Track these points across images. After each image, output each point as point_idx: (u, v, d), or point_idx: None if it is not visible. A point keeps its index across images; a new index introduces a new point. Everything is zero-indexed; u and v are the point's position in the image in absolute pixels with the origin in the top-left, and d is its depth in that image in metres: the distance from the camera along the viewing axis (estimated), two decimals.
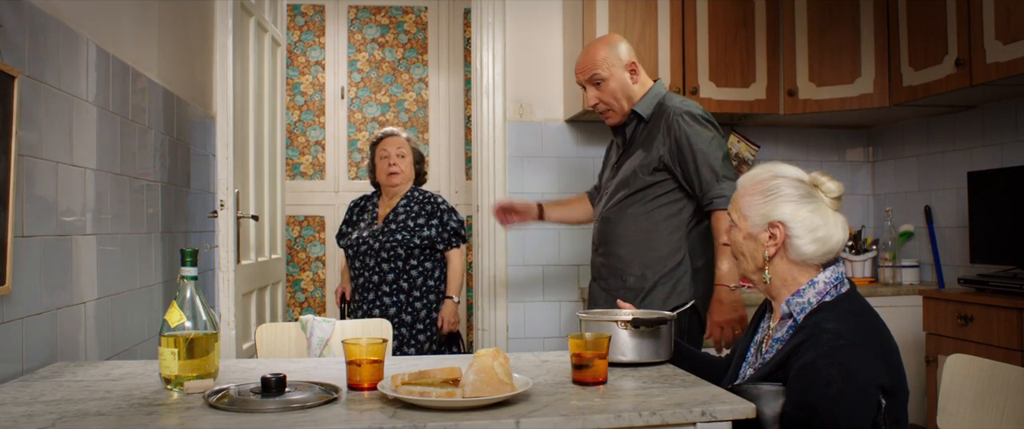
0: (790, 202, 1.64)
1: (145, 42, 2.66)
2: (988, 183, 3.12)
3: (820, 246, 1.62)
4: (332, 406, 1.44)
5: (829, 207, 1.66)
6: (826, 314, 1.57)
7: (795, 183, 1.67)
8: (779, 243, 1.64)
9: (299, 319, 2.46)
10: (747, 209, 1.69)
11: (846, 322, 1.54)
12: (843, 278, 1.65)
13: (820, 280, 1.63)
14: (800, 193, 1.66)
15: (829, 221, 1.64)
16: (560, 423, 1.35)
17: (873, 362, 1.49)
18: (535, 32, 3.75)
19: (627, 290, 2.45)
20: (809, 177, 1.70)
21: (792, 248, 1.63)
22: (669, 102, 2.49)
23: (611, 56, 2.53)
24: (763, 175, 1.70)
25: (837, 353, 1.48)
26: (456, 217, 3.35)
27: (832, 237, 1.63)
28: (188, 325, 1.65)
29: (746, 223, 1.69)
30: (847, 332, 1.52)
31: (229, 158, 2.83)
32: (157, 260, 2.75)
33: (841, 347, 1.49)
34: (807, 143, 4.03)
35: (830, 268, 1.64)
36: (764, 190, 1.67)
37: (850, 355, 1.48)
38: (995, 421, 1.61)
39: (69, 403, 1.48)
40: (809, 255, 1.63)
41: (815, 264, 1.64)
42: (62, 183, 2.00)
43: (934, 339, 3.01)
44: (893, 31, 3.36)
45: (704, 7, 3.48)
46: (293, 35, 5.31)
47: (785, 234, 1.63)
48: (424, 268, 3.32)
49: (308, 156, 5.31)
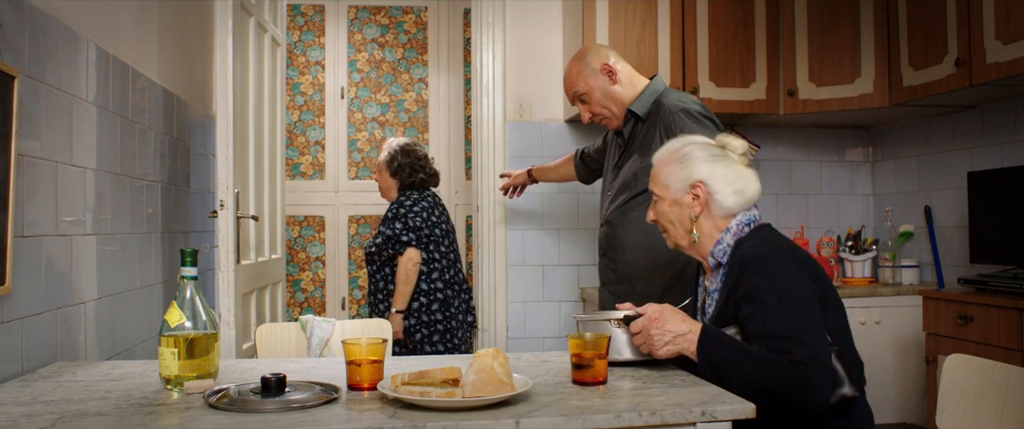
0: (705, 163, 1.80)
1: (145, 42, 2.66)
2: (988, 183, 3.12)
3: (739, 197, 1.79)
4: (332, 406, 1.44)
5: (739, 163, 1.83)
6: (746, 246, 1.73)
7: (705, 146, 1.84)
8: (703, 201, 1.79)
9: (299, 319, 2.46)
10: (668, 179, 1.83)
11: (765, 246, 1.72)
12: (754, 219, 1.81)
13: (733, 224, 1.79)
14: (712, 154, 1.82)
15: (743, 175, 1.81)
16: (560, 423, 1.35)
17: (799, 272, 1.66)
18: (535, 32, 3.75)
19: (637, 295, 2.39)
20: (716, 140, 1.87)
21: (715, 204, 1.79)
22: (665, 99, 2.43)
23: (584, 69, 2.49)
24: (675, 146, 1.86)
25: (770, 271, 1.66)
26: (400, 223, 3.33)
27: (748, 187, 1.80)
28: (188, 325, 1.65)
29: (669, 192, 1.83)
30: (769, 252, 1.70)
31: (229, 158, 2.83)
32: (157, 260, 2.75)
33: (770, 266, 1.67)
34: (807, 143, 4.03)
35: (740, 214, 1.80)
36: (680, 158, 1.83)
37: (781, 269, 1.66)
38: (995, 421, 1.61)
39: (69, 403, 1.48)
40: (731, 206, 1.79)
41: (734, 214, 1.80)
42: (62, 183, 2.00)
43: (934, 339, 3.01)
44: (893, 31, 3.36)
45: (704, 7, 3.48)
46: (293, 35, 5.31)
47: (707, 192, 1.79)
48: (383, 274, 3.42)
49: (308, 156, 5.31)
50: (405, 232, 3.33)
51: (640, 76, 2.54)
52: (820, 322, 1.63)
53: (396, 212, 3.39)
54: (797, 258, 1.70)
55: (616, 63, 2.49)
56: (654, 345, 1.70)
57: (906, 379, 3.45)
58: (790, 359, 1.58)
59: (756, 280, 1.66)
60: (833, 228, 4.01)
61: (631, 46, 3.39)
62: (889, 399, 3.46)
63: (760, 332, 1.62)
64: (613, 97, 2.48)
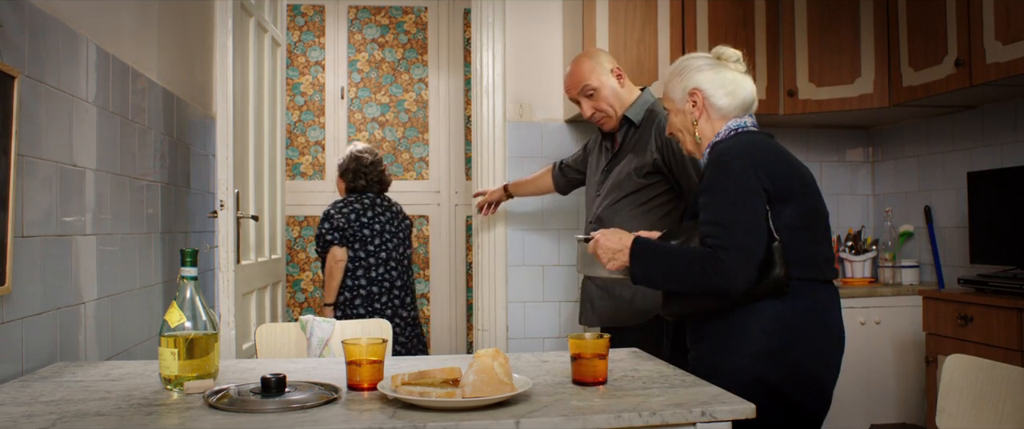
0: (700, 72, 1.99)
1: (145, 42, 2.66)
2: (988, 183, 3.12)
3: (732, 98, 1.96)
4: (332, 406, 1.44)
5: (734, 70, 2.00)
6: (718, 146, 1.91)
7: (701, 58, 2.03)
8: (701, 106, 1.98)
9: (299, 319, 2.46)
10: (672, 92, 2.03)
11: (733, 143, 1.89)
12: (743, 126, 1.96)
13: (724, 129, 1.96)
14: (706, 63, 2.00)
15: (735, 78, 1.98)
16: (560, 423, 1.35)
17: (752, 169, 1.81)
18: (535, 32, 3.75)
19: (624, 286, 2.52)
20: (712, 51, 2.05)
21: (711, 107, 1.97)
22: (658, 107, 2.59)
23: (597, 66, 2.64)
24: (676, 65, 2.06)
25: (724, 168, 1.83)
26: (327, 223, 3.68)
27: (741, 88, 1.98)
28: (188, 325, 1.65)
29: (674, 104, 2.03)
30: (731, 149, 1.87)
31: (229, 158, 2.83)
32: (157, 260, 2.75)
33: (727, 163, 1.83)
34: (807, 143, 4.03)
35: (736, 119, 1.97)
36: (679, 72, 2.02)
37: (736, 166, 1.82)
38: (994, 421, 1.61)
39: (69, 403, 1.48)
40: (725, 107, 1.96)
41: (730, 117, 1.97)
42: (62, 183, 2.00)
43: (934, 339, 3.01)
44: (893, 31, 3.36)
45: (704, 7, 3.48)
46: (293, 35, 5.31)
47: (703, 97, 1.97)
48: (321, 268, 3.77)
49: (308, 156, 5.31)
50: (330, 231, 3.67)
51: (634, 86, 2.73)
52: (757, 213, 1.79)
53: (326, 213, 3.73)
54: (755, 158, 1.84)
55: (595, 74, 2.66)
56: (603, 262, 1.95)
57: (906, 379, 3.45)
58: (711, 245, 1.78)
59: (710, 174, 1.86)
60: (833, 228, 3.98)
61: (631, 46, 3.39)
62: (889, 399, 3.46)
63: (703, 219, 1.83)
64: (619, 98, 2.64)
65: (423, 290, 5.37)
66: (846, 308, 3.40)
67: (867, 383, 3.43)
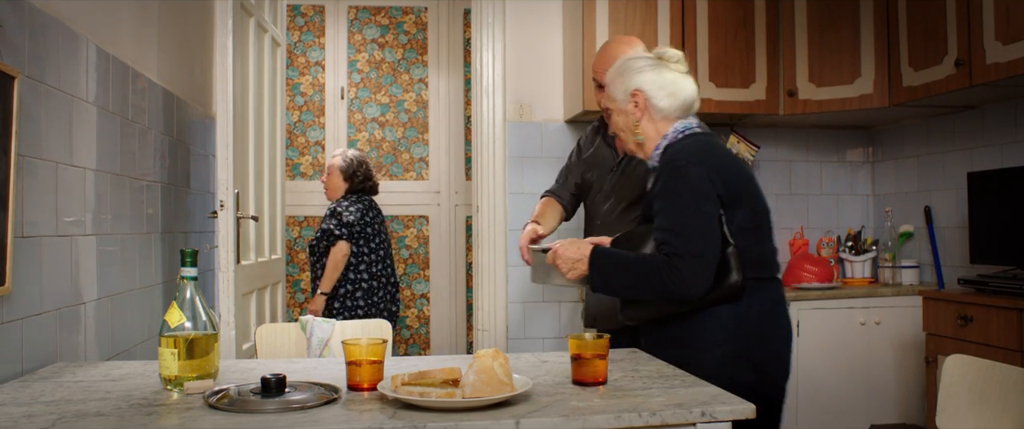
0: (641, 73, 2.00)
1: (145, 42, 2.66)
2: (988, 183, 3.12)
3: (673, 99, 1.98)
4: (332, 406, 1.44)
5: (675, 71, 2.01)
6: (671, 150, 1.93)
7: (642, 58, 2.04)
8: (642, 107, 1.99)
9: (299, 319, 2.46)
10: (614, 92, 2.05)
11: (686, 147, 1.92)
12: (690, 127, 1.98)
13: (670, 131, 1.98)
14: (648, 64, 2.01)
15: (676, 79, 1.99)
16: (560, 423, 1.35)
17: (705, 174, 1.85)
18: (535, 32, 3.75)
19: None
20: (653, 52, 2.06)
21: (653, 108, 1.99)
22: None
23: None
24: (618, 65, 2.07)
25: (678, 173, 1.87)
26: (334, 220, 3.88)
27: (682, 90, 1.99)
28: (188, 325, 1.65)
29: (616, 104, 2.05)
30: (685, 153, 1.89)
31: (229, 158, 2.83)
32: (157, 260, 2.75)
33: (681, 168, 1.87)
34: (807, 143, 4.03)
35: (682, 120, 1.99)
36: (620, 73, 2.04)
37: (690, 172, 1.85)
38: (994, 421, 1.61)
39: (69, 403, 1.48)
40: (666, 108, 1.98)
41: (673, 118, 1.99)
42: (62, 183, 2.00)
43: (934, 339, 3.01)
44: (893, 31, 3.36)
45: (704, 7, 3.48)
46: (293, 35, 5.31)
47: (644, 98, 1.99)
48: (322, 264, 3.95)
49: (308, 156, 5.31)
50: (338, 227, 3.87)
51: None
52: (712, 219, 1.84)
53: (333, 210, 3.94)
54: (709, 163, 1.88)
55: None
56: (563, 272, 2.00)
57: (906, 379, 3.46)
58: (667, 252, 1.82)
59: (665, 180, 1.89)
60: (833, 228, 4.00)
61: None
62: (889, 399, 3.46)
63: (658, 226, 1.87)
64: None
65: (423, 290, 5.37)
66: (846, 308, 3.42)
67: (867, 383, 3.43)
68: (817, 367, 3.38)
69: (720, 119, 3.71)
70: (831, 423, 3.41)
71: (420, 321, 5.38)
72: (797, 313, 3.37)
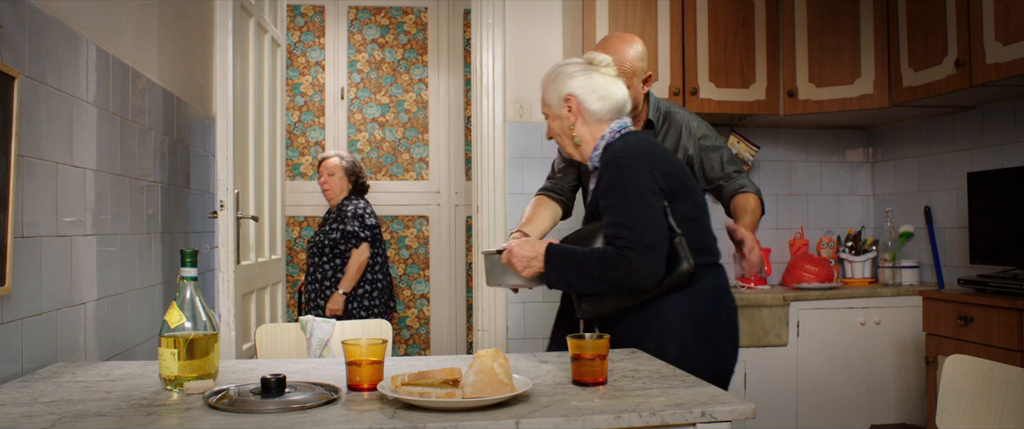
0: (572, 78, 2.08)
1: (145, 42, 2.66)
2: (988, 184, 3.12)
3: (605, 102, 2.06)
4: (332, 407, 1.44)
5: (605, 75, 2.08)
6: (612, 149, 2.01)
7: (573, 64, 2.12)
8: (575, 111, 2.07)
9: (299, 320, 2.46)
10: (549, 98, 2.12)
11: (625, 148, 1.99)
12: (625, 126, 2.07)
13: (607, 131, 2.06)
14: (579, 69, 2.09)
15: (607, 83, 2.07)
16: (560, 423, 1.35)
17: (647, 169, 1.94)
18: (535, 32, 3.75)
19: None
20: (584, 57, 2.13)
21: (586, 111, 2.06)
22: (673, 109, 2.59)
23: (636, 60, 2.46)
24: (550, 72, 2.14)
25: (622, 170, 1.94)
26: (357, 222, 3.99)
27: (613, 93, 2.06)
28: (188, 326, 1.64)
29: (552, 109, 2.12)
30: (626, 153, 1.97)
31: (229, 159, 2.83)
32: (157, 261, 2.75)
33: (624, 165, 1.95)
34: (807, 143, 4.03)
35: (616, 120, 2.07)
36: (553, 78, 2.11)
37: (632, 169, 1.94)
38: (994, 422, 1.61)
39: (69, 404, 1.48)
40: (599, 111, 2.06)
41: (607, 120, 2.07)
42: (62, 183, 2.00)
43: (934, 340, 3.01)
44: (893, 31, 3.36)
45: (704, 7, 3.48)
46: (293, 36, 5.31)
47: (577, 102, 2.06)
48: (334, 264, 4.02)
49: (308, 156, 5.31)
50: (363, 230, 3.99)
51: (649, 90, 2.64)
52: (658, 211, 1.92)
53: (354, 212, 4.03)
54: (649, 159, 1.97)
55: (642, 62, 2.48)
56: (519, 271, 2.06)
57: (906, 379, 3.46)
58: (619, 245, 1.90)
59: (610, 177, 1.97)
60: (833, 229, 4.00)
61: None
62: (889, 399, 3.46)
63: (607, 221, 1.94)
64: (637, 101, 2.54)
65: (423, 290, 5.37)
66: (846, 308, 3.42)
67: (867, 383, 3.43)
68: (817, 367, 3.39)
69: (720, 119, 3.71)
70: (831, 423, 3.41)
71: (420, 321, 5.38)
72: (797, 313, 3.37)
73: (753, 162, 3.85)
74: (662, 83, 3.41)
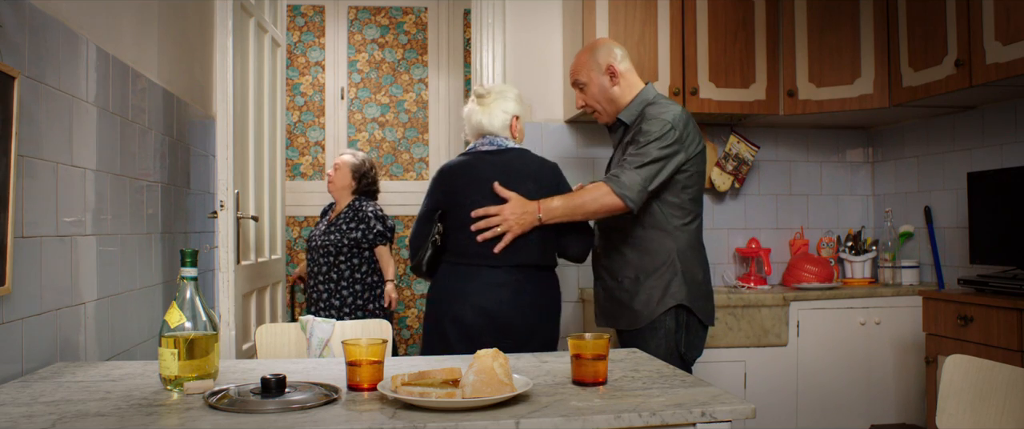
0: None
1: (145, 42, 2.66)
2: (988, 184, 3.12)
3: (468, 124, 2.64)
4: (332, 407, 1.44)
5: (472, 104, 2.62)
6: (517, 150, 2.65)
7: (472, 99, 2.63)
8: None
9: (299, 320, 2.46)
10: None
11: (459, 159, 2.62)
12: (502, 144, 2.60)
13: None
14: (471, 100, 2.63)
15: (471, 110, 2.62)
16: (560, 423, 1.35)
17: (430, 191, 2.60)
18: (535, 32, 3.75)
19: (622, 290, 2.52)
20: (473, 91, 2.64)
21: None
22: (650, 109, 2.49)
23: (590, 62, 2.59)
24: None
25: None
26: (380, 223, 4.08)
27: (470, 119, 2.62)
28: (188, 326, 1.65)
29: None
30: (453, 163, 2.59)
31: (229, 159, 2.83)
32: (157, 261, 2.75)
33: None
34: (807, 143, 4.03)
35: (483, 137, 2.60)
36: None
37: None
38: (994, 422, 1.61)
39: (69, 404, 1.48)
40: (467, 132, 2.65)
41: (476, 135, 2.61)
42: (62, 183, 2.00)
43: (934, 340, 3.01)
44: (893, 31, 3.36)
45: (704, 7, 3.48)
46: (293, 36, 5.31)
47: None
48: (352, 264, 4.03)
49: (308, 156, 5.31)
50: (385, 231, 4.12)
51: (639, 81, 2.63)
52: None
53: (376, 214, 4.11)
54: (439, 178, 2.61)
55: (621, 64, 2.58)
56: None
57: (906, 379, 3.46)
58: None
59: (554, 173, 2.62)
60: (833, 228, 4.00)
61: (631, 46, 3.39)
62: (889, 399, 3.46)
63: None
64: (609, 97, 2.59)
65: (423, 290, 5.37)
66: (846, 308, 3.42)
67: (867, 383, 3.43)
68: (817, 367, 3.39)
69: (720, 119, 3.71)
70: (831, 423, 3.41)
71: (420, 321, 5.37)
72: (797, 313, 3.37)
73: (753, 162, 3.85)
74: (662, 83, 3.41)
